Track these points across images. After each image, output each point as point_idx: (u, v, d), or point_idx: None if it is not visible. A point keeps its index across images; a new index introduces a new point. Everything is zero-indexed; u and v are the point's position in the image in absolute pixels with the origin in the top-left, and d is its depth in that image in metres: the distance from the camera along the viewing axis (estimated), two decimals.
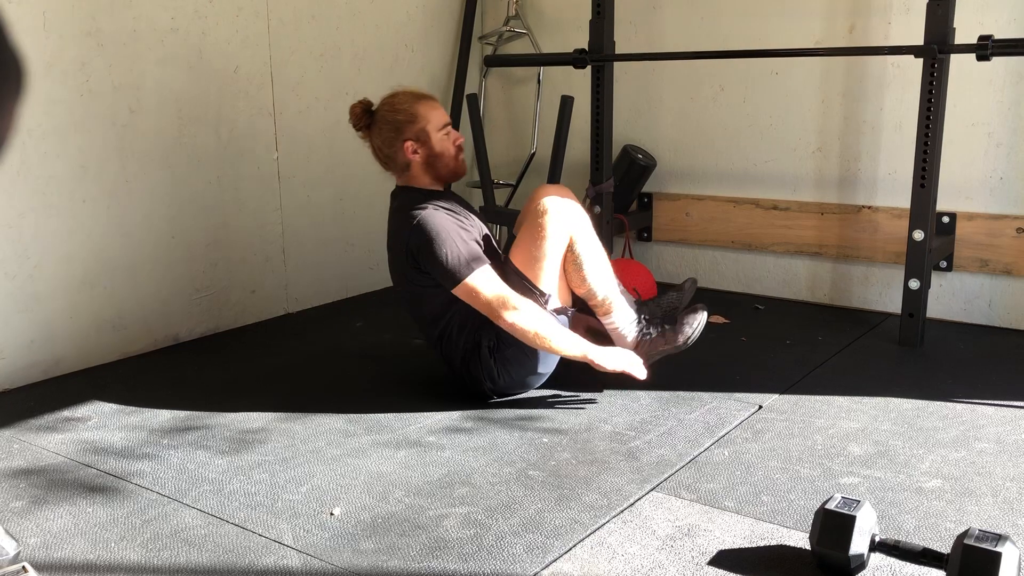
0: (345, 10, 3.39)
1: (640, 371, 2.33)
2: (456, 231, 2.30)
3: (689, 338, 2.41)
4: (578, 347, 2.29)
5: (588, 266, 2.38)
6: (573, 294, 2.45)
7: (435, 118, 2.40)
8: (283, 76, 3.20)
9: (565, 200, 2.38)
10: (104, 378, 2.67)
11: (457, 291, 2.27)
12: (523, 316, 2.23)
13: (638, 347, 2.43)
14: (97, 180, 2.72)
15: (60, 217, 2.65)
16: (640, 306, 2.51)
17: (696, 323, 2.42)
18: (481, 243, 2.37)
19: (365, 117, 2.42)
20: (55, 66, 2.58)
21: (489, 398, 2.41)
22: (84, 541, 1.74)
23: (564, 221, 2.35)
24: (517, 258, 2.37)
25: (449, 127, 2.43)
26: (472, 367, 2.37)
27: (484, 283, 2.25)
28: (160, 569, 1.64)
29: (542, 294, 2.34)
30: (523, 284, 2.33)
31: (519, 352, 2.33)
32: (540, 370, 2.39)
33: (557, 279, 2.38)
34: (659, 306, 2.51)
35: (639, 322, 2.45)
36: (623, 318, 2.44)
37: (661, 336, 2.43)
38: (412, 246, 2.31)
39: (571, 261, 2.38)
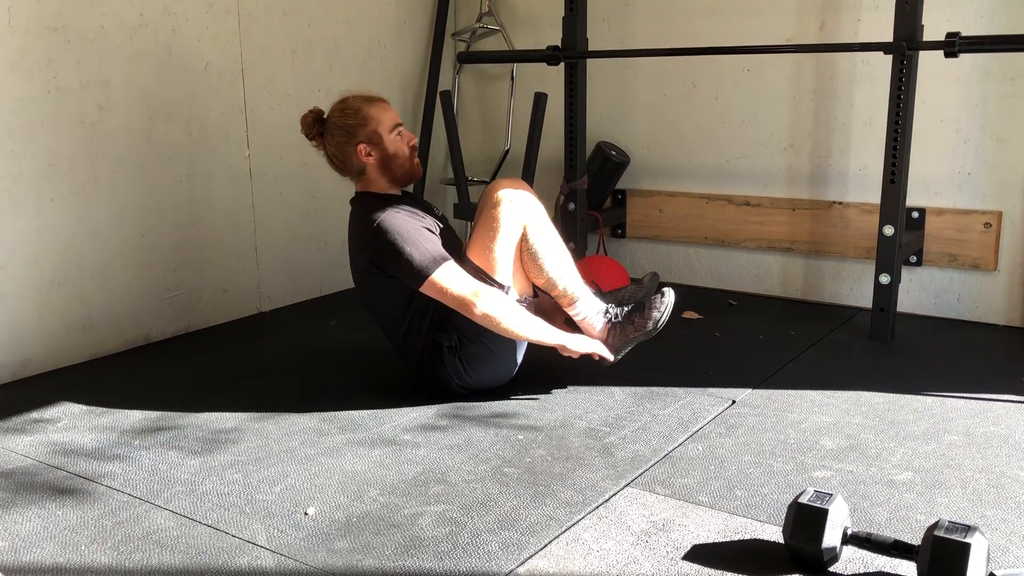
0: (317, 6, 3.37)
1: (607, 353, 2.37)
2: (417, 230, 2.30)
3: (658, 322, 2.38)
4: (550, 334, 2.31)
5: (544, 256, 2.36)
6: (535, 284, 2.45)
7: (386, 119, 2.39)
8: (254, 73, 3.18)
9: (518, 191, 2.37)
10: (74, 379, 2.64)
11: (425, 288, 2.25)
12: (494, 306, 2.24)
13: (608, 336, 2.42)
14: (65, 178, 2.68)
15: (27, 216, 2.61)
16: (604, 296, 2.51)
17: (664, 306, 2.39)
18: (441, 240, 2.36)
19: (316, 126, 2.42)
20: (20, 63, 2.54)
21: (461, 395, 2.41)
22: (54, 544, 1.72)
23: (516, 211, 2.33)
24: (472, 250, 2.36)
25: (401, 128, 2.42)
26: (437, 368, 2.37)
27: (451, 278, 2.24)
28: (132, 572, 1.62)
29: (500, 286, 2.33)
30: (480, 276, 2.32)
31: (483, 348, 2.33)
32: (507, 365, 2.39)
33: (513, 269, 2.36)
34: (618, 298, 2.50)
35: (606, 312, 2.44)
36: (588, 308, 2.42)
37: (630, 323, 2.40)
38: (373, 251, 2.31)
39: (526, 251, 2.36)
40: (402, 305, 2.35)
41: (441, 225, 2.43)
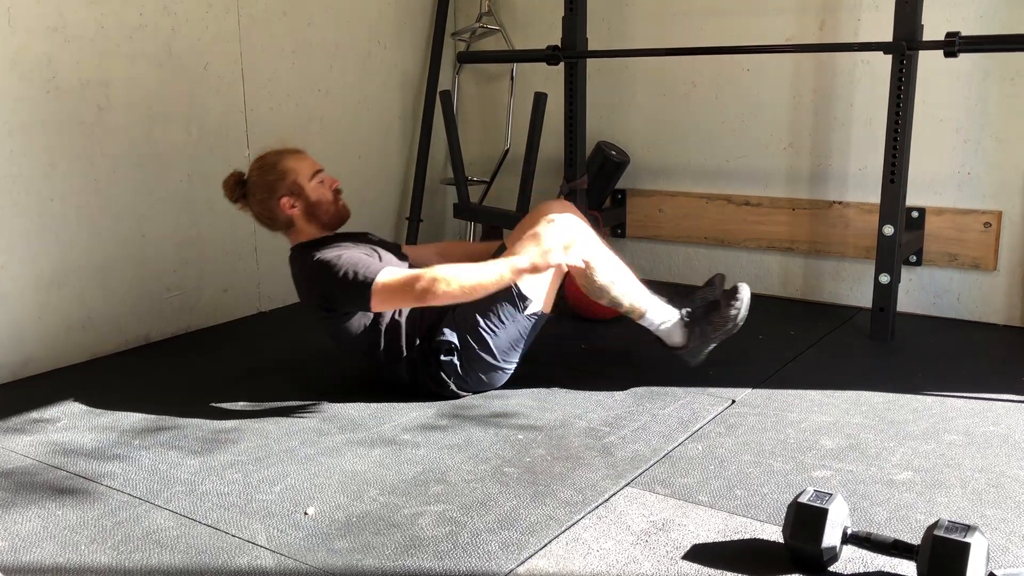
0: (317, 6, 3.37)
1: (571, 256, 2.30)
2: (345, 253, 2.29)
3: (737, 319, 2.35)
4: (504, 267, 2.22)
5: (602, 276, 2.36)
6: (556, 303, 2.44)
7: (304, 168, 2.40)
8: (254, 73, 3.18)
9: (568, 215, 2.38)
10: (74, 379, 2.64)
11: (375, 301, 2.23)
12: (444, 280, 2.17)
13: (688, 340, 2.40)
14: (65, 178, 2.68)
15: (27, 216, 2.61)
16: (673, 302, 2.49)
17: (741, 302, 2.36)
18: (379, 255, 2.35)
19: (238, 188, 2.43)
20: (20, 62, 2.54)
21: (459, 397, 2.41)
22: (54, 544, 1.72)
23: (561, 234, 2.32)
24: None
25: (321, 173, 2.44)
26: (433, 374, 2.36)
27: (391, 277, 2.22)
28: (132, 572, 1.62)
29: (524, 297, 2.32)
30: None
31: (483, 347, 2.33)
32: (506, 365, 2.39)
33: (545, 287, 2.35)
34: (689, 302, 2.49)
35: (682, 318, 2.42)
36: (661, 316, 2.41)
37: (708, 323, 2.38)
38: (317, 292, 2.32)
39: (581, 275, 2.36)
40: (370, 326, 2.35)
41: (378, 247, 2.43)
